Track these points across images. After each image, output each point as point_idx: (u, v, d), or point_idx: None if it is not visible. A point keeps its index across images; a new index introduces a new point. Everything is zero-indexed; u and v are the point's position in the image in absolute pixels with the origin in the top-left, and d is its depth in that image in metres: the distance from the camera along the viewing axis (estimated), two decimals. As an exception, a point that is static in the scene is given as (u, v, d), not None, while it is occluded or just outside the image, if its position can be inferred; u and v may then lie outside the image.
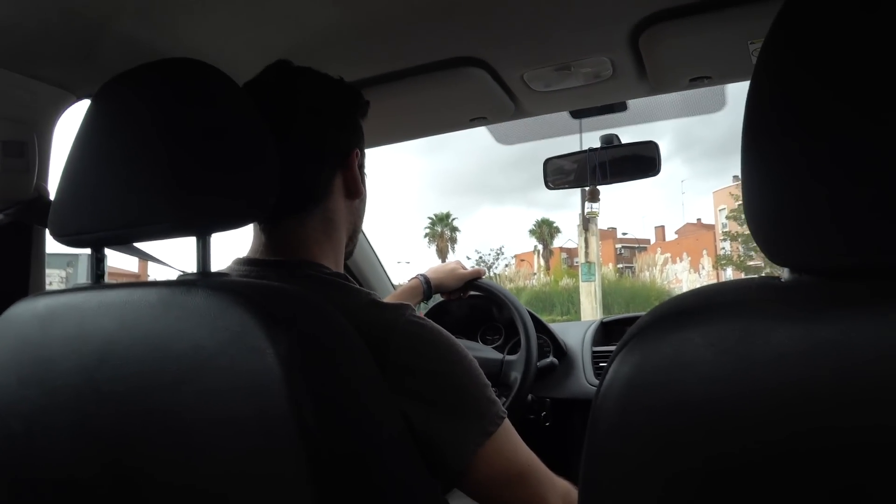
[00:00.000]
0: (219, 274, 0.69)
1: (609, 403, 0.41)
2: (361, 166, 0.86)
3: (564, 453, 1.38)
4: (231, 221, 0.66)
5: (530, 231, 42.18)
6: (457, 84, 1.16)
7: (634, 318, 1.77)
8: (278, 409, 0.52)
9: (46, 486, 0.66)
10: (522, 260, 41.36)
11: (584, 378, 1.59)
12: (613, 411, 0.41)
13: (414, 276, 1.43)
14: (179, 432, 0.57)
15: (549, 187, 1.47)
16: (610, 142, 1.38)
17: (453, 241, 41.26)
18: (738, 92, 1.32)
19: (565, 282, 21.43)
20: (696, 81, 1.19)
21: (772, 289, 0.41)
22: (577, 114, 1.41)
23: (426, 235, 41.20)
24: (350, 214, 0.85)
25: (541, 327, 1.64)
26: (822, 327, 0.36)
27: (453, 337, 0.75)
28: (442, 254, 39.68)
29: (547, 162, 1.47)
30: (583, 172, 1.41)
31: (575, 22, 1.01)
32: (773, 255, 0.41)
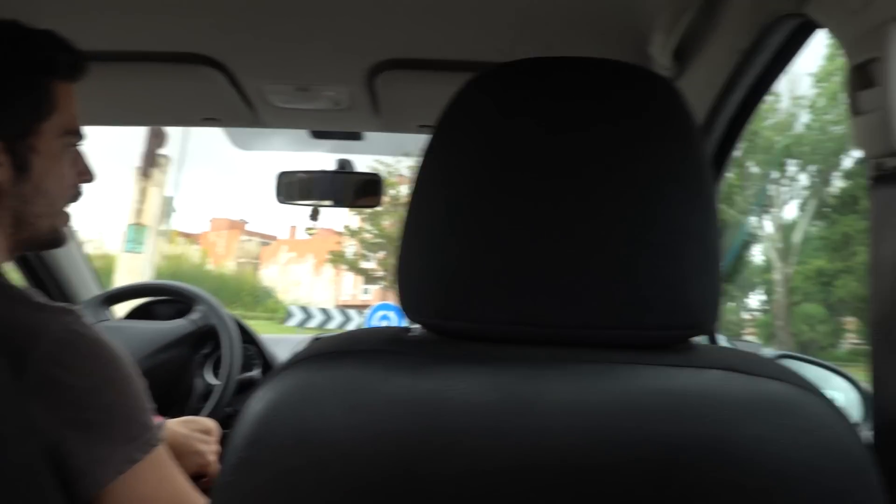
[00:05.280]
0: None
1: (238, 439, 0.43)
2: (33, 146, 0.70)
3: None
4: None
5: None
6: (189, 81, 1.12)
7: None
8: None
9: None
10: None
11: None
12: (241, 446, 0.43)
13: None
14: None
15: (280, 200, 1.47)
16: (343, 167, 1.43)
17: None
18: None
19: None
20: (424, 128, 1.30)
21: (399, 342, 0.47)
22: (318, 134, 1.44)
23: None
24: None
25: (249, 338, 1.60)
26: (424, 380, 0.42)
27: (121, 352, 0.70)
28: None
29: (281, 175, 1.47)
30: (313, 191, 1.44)
31: (319, 49, 1.05)
32: (406, 311, 0.47)
